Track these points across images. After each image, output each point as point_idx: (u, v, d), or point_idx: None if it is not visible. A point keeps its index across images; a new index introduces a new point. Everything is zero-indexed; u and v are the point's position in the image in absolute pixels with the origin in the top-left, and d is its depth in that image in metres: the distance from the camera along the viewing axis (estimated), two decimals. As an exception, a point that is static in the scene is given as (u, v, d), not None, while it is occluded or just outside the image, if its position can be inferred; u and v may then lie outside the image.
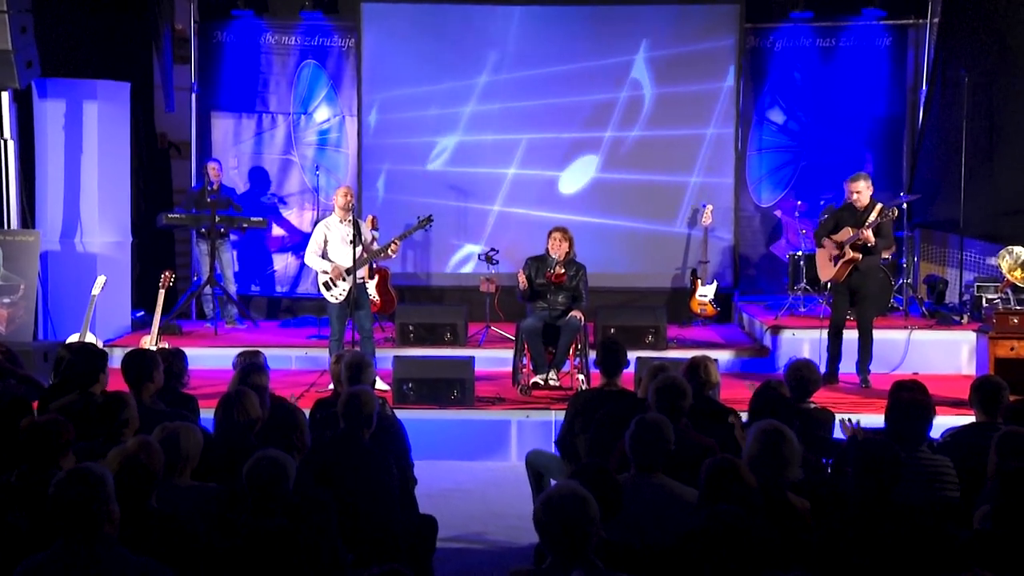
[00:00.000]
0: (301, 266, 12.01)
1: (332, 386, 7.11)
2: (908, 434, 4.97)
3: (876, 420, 6.09)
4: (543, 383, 8.87)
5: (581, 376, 8.83)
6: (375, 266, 10.83)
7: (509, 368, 9.25)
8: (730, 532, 3.62)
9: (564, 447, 6.35)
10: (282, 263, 12.29)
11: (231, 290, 11.34)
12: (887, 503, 4.07)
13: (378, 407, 5.44)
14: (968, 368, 9.70)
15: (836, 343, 9.03)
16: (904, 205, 10.85)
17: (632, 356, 7.04)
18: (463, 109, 11.98)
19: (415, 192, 12.01)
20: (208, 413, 5.56)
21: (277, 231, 12.23)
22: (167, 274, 9.35)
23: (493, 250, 10.92)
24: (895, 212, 8.80)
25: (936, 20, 11.55)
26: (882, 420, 5.30)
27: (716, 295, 11.44)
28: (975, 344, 9.68)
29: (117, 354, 8.76)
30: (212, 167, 11.31)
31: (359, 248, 8.69)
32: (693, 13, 11.85)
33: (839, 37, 11.96)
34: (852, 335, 9.01)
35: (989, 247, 10.64)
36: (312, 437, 5.05)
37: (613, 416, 5.70)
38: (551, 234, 9.20)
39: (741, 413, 6.01)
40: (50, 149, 10.53)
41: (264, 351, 6.88)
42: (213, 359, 9.37)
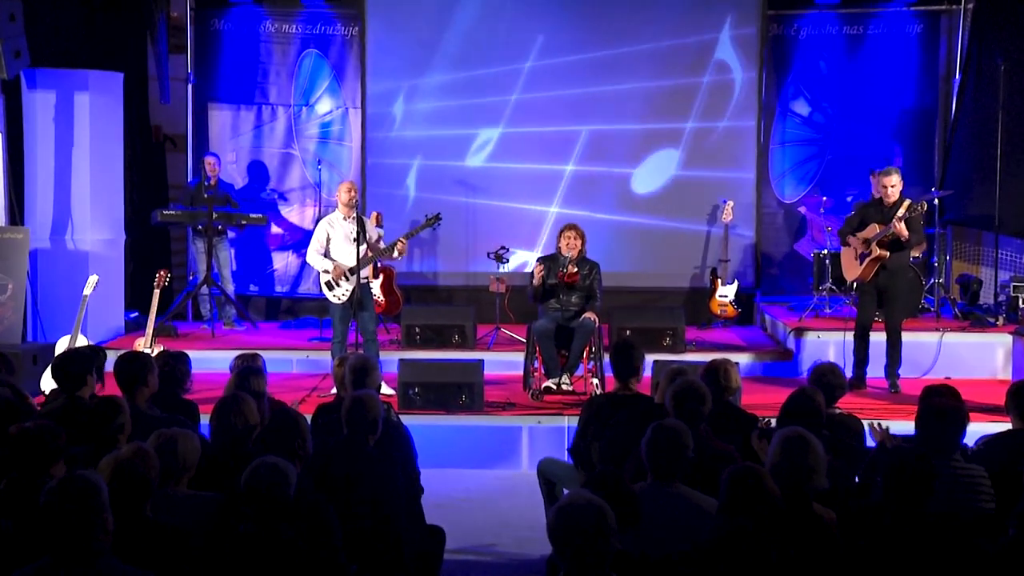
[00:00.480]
0: (302, 265, 12.03)
1: (335, 390, 7.11)
2: (940, 442, 4.95)
3: (906, 427, 6.07)
4: (555, 388, 8.86)
5: (595, 380, 8.82)
6: (379, 265, 10.84)
7: (520, 372, 9.25)
8: (749, 546, 3.62)
9: (577, 455, 6.34)
10: (282, 262, 12.31)
11: (229, 290, 11.35)
12: (918, 514, 4.06)
13: (383, 412, 5.44)
14: (1004, 372, 9.67)
15: (863, 346, 9.01)
16: (936, 201, 10.81)
17: (649, 359, 7.03)
18: (472, 101, 11.99)
19: (419, 188, 12.04)
20: (205, 419, 5.57)
21: (277, 229, 12.25)
22: (162, 273, 9.37)
23: (503, 248, 10.92)
24: (924, 206, 8.77)
25: (970, 6, 11.52)
26: (912, 427, 5.29)
27: (737, 295, 11.42)
28: (1011, 347, 9.65)
29: (110, 357, 8.80)
30: (209, 161, 11.33)
31: (363, 247, 8.70)
32: (712, -1, 11.88)
33: (867, 24, 11.93)
34: (880, 338, 8.99)
35: (1026, 245, 10.63)
36: (314, 444, 5.05)
37: (629, 422, 5.69)
38: (563, 232, 9.20)
39: (766, 418, 6.00)
40: (40, 142, 10.56)
41: (263, 354, 6.86)
42: (210, 362, 9.38)
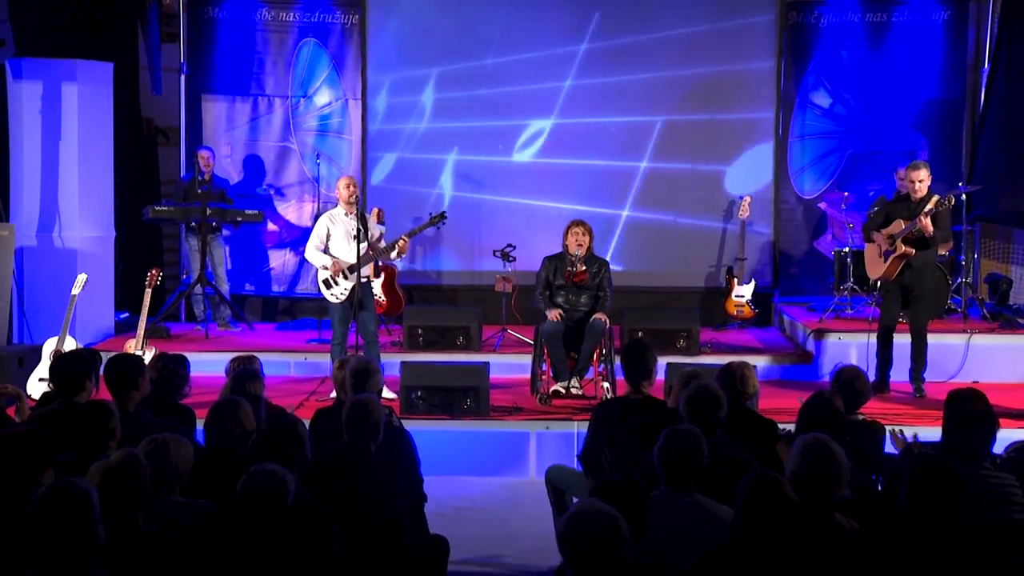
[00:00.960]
0: (300, 263, 12.04)
1: (334, 394, 7.12)
2: (968, 449, 4.94)
3: (932, 433, 6.06)
4: (564, 391, 8.86)
5: (606, 384, 8.82)
6: (381, 264, 10.84)
7: (527, 375, 9.25)
8: (767, 558, 3.61)
9: (587, 462, 6.34)
10: (279, 260, 12.31)
11: (224, 289, 11.36)
12: (946, 525, 4.05)
13: (385, 417, 5.44)
14: (1034, 376, 9.66)
15: (886, 348, 8.99)
16: (963, 196, 10.79)
17: (662, 362, 7.03)
18: (478, 92, 12.00)
19: (422, 184, 12.05)
20: (200, 424, 5.57)
21: (273, 226, 12.26)
22: (154, 272, 9.37)
23: (510, 246, 10.91)
24: (952, 200, 8.75)
25: (1001, -9, 11.51)
26: (939, 434, 5.28)
27: (754, 295, 11.41)
28: (1041, 349, 9.65)
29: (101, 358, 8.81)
30: (203, 155, 11.33)
31: (364, 244, 8.70)
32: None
33: (891, 12, 11.90)
34: (903, 340, 8.97)
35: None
36: (313, 450, 5.06)
37: (641, 428, 5.69)
38: (570, 228, 9.17)
39: (783, 425, 6.00)
40: (26, 135, 10.57)
41: (260, 356, 6.88)
42: (204, 365, 9.37)
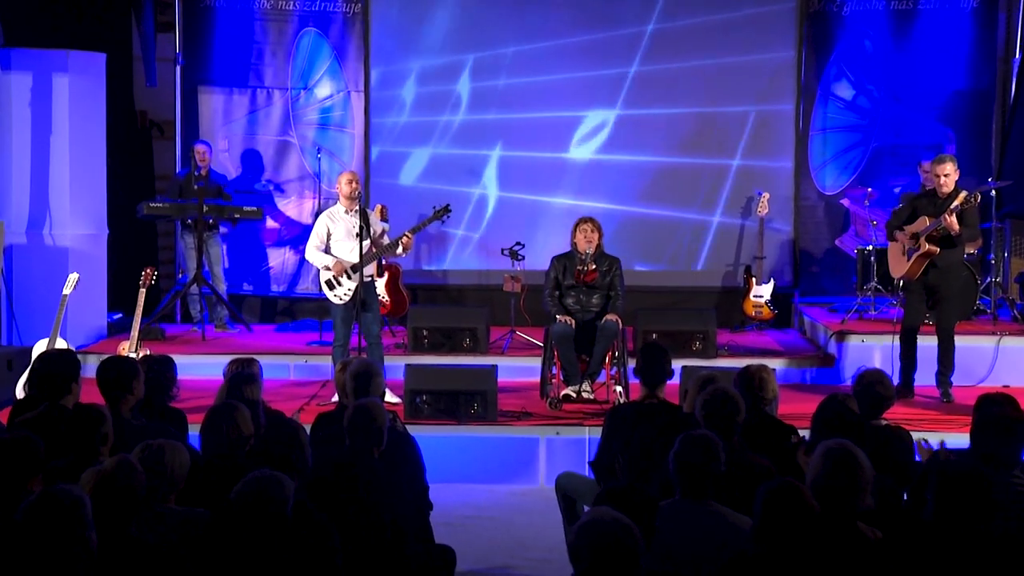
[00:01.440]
0: (300, 262, 12.05)
1: (336, 398, 7.13)
2: (998, 455, 4.93)
3: (960, 440, 6.06)
4: (575, 396, 8.86)
5: (619, 388, 8.81)
6: (384, 262, 10.85)
7: (536, 378, 9.25)
8: (786, 569, 3.61)
9: (600, 469, 6.34)
10: (279, 259, 12.33)
11: (221, 289, 11.38)
12: (974, 534, 4.05)
13: (388, 422, 5.45)
14: (1067, 380, 9.63)
15: (910, 351, 8.97)
16: (992, 192, 10.77)
17: (677, 365, 7.03)
18: (484, 84, 12.00)
19: (427, 179, 12.07)
20: (195, 429, 5.58)
21: (273, 223, 12.27)
22: (148, 271, 9.38)
23: (518, 244, 10.92)
24: (979, 197, 8.72)
25: (1034, -23, 11.49)
26: (967, 440, 5.27)
27: (773, 296, 11.39)
28: (1076, 353, 9.62)
29: (92, 362, 8.83)
30: (199, 150, 11.34)
31: (367, 242, 8.71)
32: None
33: (918, -1, 11.90)
34: (930, 342, 8.95)
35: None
36: (313, 456, 5.07)
37: (655, 433, 5.69)
38: (579, 225, 9.17)
39: (804, 431, 5.99)
40: (15, 128, 10.59)
41: (258, 358, 6.88)
42: (200, 368, 9.41)
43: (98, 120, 10.92)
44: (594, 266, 9.06)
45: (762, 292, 11.36)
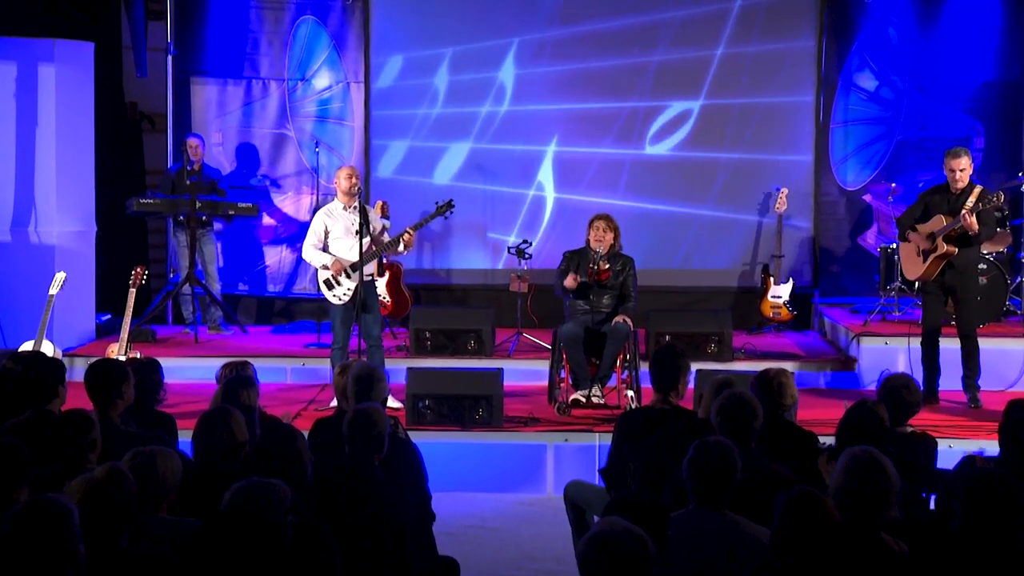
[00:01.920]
0: (297, 261, 12.05)
1: (335, 403, 7.13)
2: (1029, 463, 4.93)
3: (989, 447, 6.04)
4: (585, 400, 8.86)
5: (630, 392, 8.81)
6: (385, 261, 10.85)
7: (544, 383, 9.25)
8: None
9: (610, 477, 6.34)
10: (275, 257, 12.34)
11: (214, 289, 11.39)
12: (1005, 546, 4.04)
13: (389, 428, 5.45)
14: (1103, 385, 9.61)
15: (932, 354, 8.96)
16: (1023, 188, 10.74)
17: (692, 368, 7.01)
18: (490, 75, 12.01)
19: (430, 173, 12.07)
20: (187, 435, 5.58)
21: (269, 219, 12.28)
22: (138, 270, 9.40)
23: (525, 242, 10.91)
24: (1001, 197, 8.67)
25: (1068, -40, 11.46)
26: (996, 447, 5.26)
27: (792, 296, 11.39)
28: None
29: (79, 365, 8.85)
30: (192, 143, 11.36)
31: (367, 240, 8.71)
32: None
33: (945, -15, 11.88)
34: (953, 345, 8.93)
35: None
36: (311, 464, 5.07)
37: (669, 440, 5.69)
38: (593, 223, 9.19)
39: (824, 438, 5.98)
40: (-1, 121, 10.62)
41: (254, 361, 6.91)
42: (193, 371, 9.42)
43: (86, 112, 10.92)
44: (607, 265, 9.05)
45: (780, 292, 11.36)
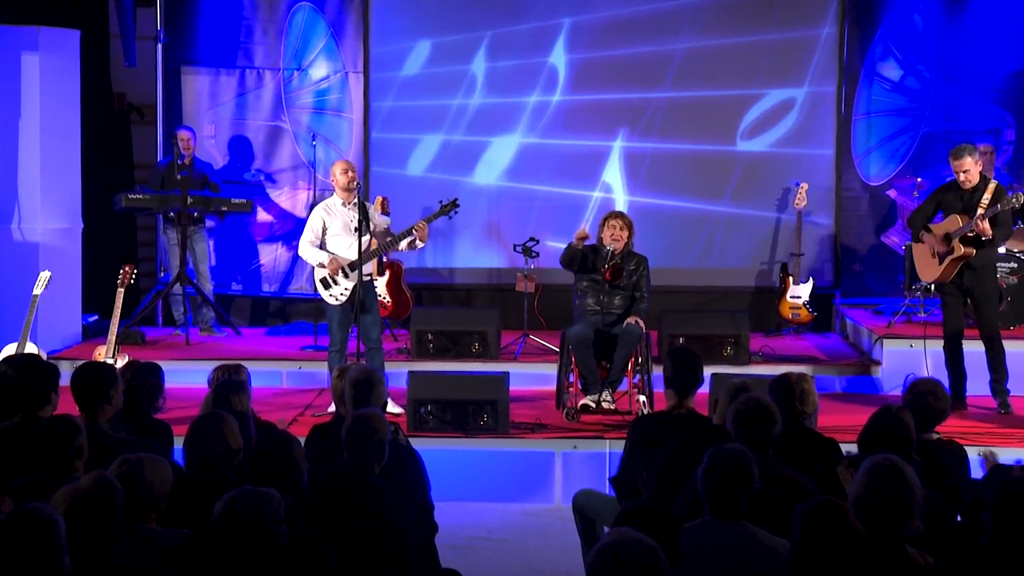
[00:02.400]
0: (293, 259, 12.07)
1: (333, 408, 7.14)
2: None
3: (1020, 455, 6.03)
4: (595, 406, 8.86)
5: (642, 397, 8.81)
6: (385, 260, 10.85)
7: (552, 387, 9.26)
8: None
9: (621, 486, 6.35)
10: (270, 256, 12.35)
11: (206, 289, 11.40)
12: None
13: (390, 435, 5.45)
14: None
15: (956, 359, 8.94)
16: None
17: (707, 372, 7.01)
18: (497, 64, 12.01)
19: (433, 168, 12.08)
20: (177, 442, 5.59)
21: (264, 216, 12.29)
22: (127, 269, 9.41)
23: (532, 239, 10.91)
24: (1020, 199, 8.60)
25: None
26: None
27: (812, 296, 11.38)
28: None
29: (65, 368, 8.83)
30: (183, 136, 11.37)
31: (365, 237, 8.72)
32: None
33: (973, -30, 11.87)
34: (979, 347, 8.92)
35: None
36: (308, 472, 5.07)
37: (683, 447, 5.70)
38: (606, 220, 9.21)
39: (845, 446, 5.98)
40: (-20, 113, 10.63)
41: (247, 365, 6.91)
42: (184, 375, 9.41)
43: (72, 103, 10.92)
44: (620, 264, 9.06)
45: (800, 292, 11.35)
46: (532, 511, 8.04)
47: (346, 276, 8.78)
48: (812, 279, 11.49)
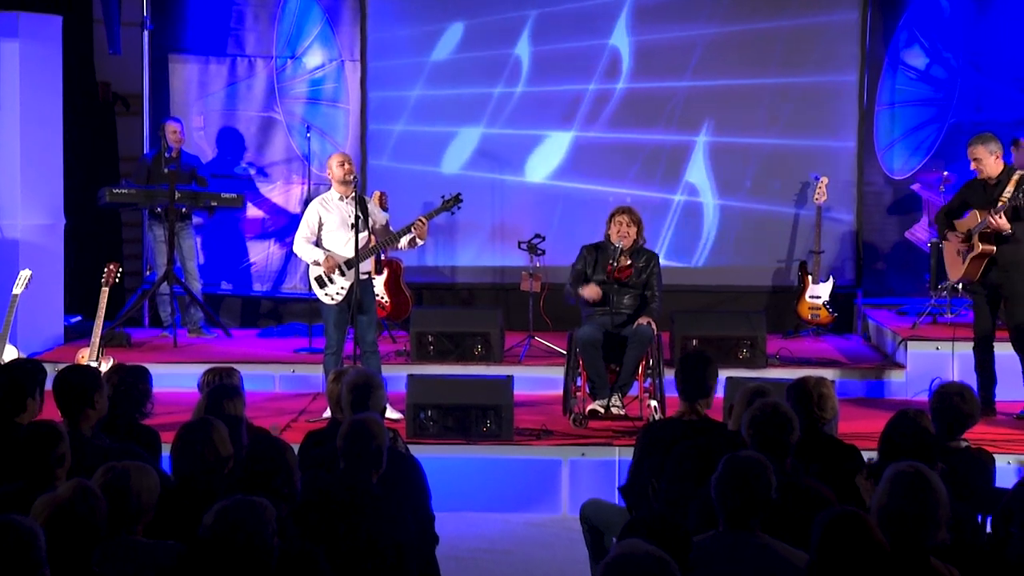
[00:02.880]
0: (287, 257, 12.07)
1: (328, 414, 7.14)
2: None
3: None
4: (603, 411, 8.87)
5: (653, 402, 8.81)
6: (384, 258, 10.86)
7: (559, 391, 9.25)
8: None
9: (631, 495, 6.35)
10: (262, 253, 12.35)
11: (195, 288, 11.41)
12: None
13: (389, 442, 5.45)
14: None
15: (986, 361, 8.94)
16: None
17: (721, 376, 7.02)
18: (501, 52, 12.02)
19: (433, 162, 12.09)
20: (165, 449, 5.59)
21: (255, 211, 12.29)
22: (112, 267, 9.42)
23: (538, 236, 10.91)
24: None
25: None
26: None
27: (832, 296, 11.37)
28: None
29: (47, 371, 8.84)
30: (171, 128, 11.37)
31: (363, 234, 8.72)
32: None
33: (1003, -48, 11.87)
34: (1010, 350, 8.92)
35: None
36: (303, 481, 5.07)
37: (696, 455, 5.70)
38: (614, 216, 9.19)
39: (867, 453, 5.98)
40: (-43, 103, 10.64)
41: (239, 368, 6.92)
42: (172, 379, 9.41)
43: (53, 93, 10.93)
44: (628, 261, 9.06)
45: (819, 292, 11.34)
46: (537, 522, 8.05)
47: (343, 274, 8.77)
48: (832, 278, 11.47)
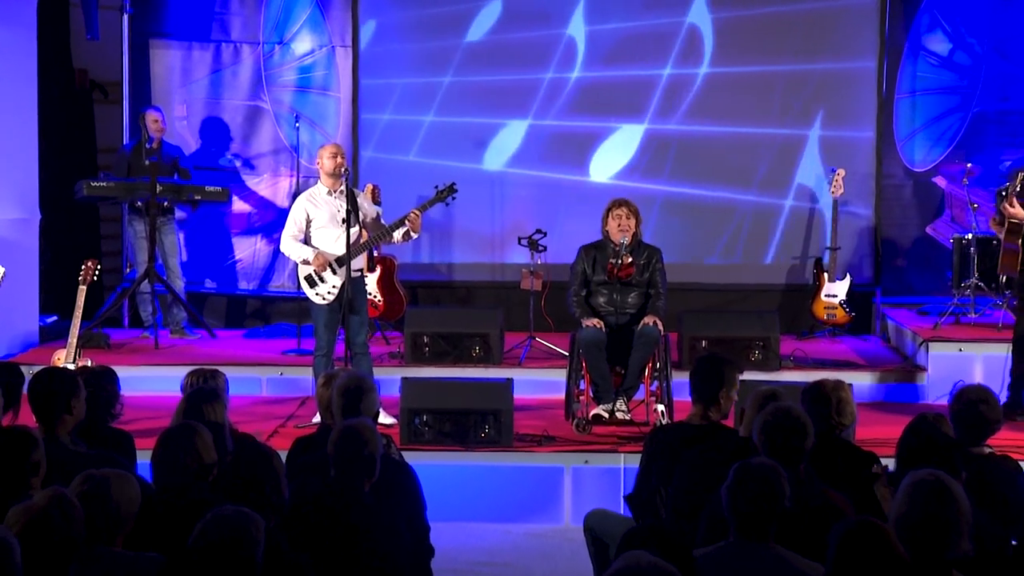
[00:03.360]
0: (274, 254, 12.07)
1: (318, 419, 7.15)
2: None
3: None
4: (608, 416, 8.87)
5: (660, 406, 8.82)
6: (377, 255, 10.86)
7: (561, 395, 9.26)
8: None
9: (637, 504, 6.35)
10: (248, 250, 12.36)
11: (177, 287, 11.41)
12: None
13: (382, 448, 5.45)
14: None
15: (1021, 361, 8.95)
16: None
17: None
18: (501, 37, 12.02)
19: (429, 153, 12.08)
20: (146, 456, 5.59)
21: (241, 206, 12.30)
22: (89, 265, 9.41)
23: (539, 232, 10.91)
24: None
25: None
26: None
27: (849, 295, 11.38)
28: None
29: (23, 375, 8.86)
30: (152, 117, 11.37)
31: (355, 229, 8.72)
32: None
33: (1031, -68, 11.87)
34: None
35: None
36: (291, 489, 5.08)
37: (705, 462, 5.70)
38: (610, 210, 9.18)
39: (886, 460, 5.98)
40: (-74, 92, 10.65)
41: (223, 370, 6.91)
42: (153, 382, 9.43)
43: (28, 80, 10.94)
44: (630, 259, 9.05)
45: (836, 291, 11.34)
46: (539, 532, 8.05)
47: (334, 273, 8.77)
48: (849, 276, 11.48)
